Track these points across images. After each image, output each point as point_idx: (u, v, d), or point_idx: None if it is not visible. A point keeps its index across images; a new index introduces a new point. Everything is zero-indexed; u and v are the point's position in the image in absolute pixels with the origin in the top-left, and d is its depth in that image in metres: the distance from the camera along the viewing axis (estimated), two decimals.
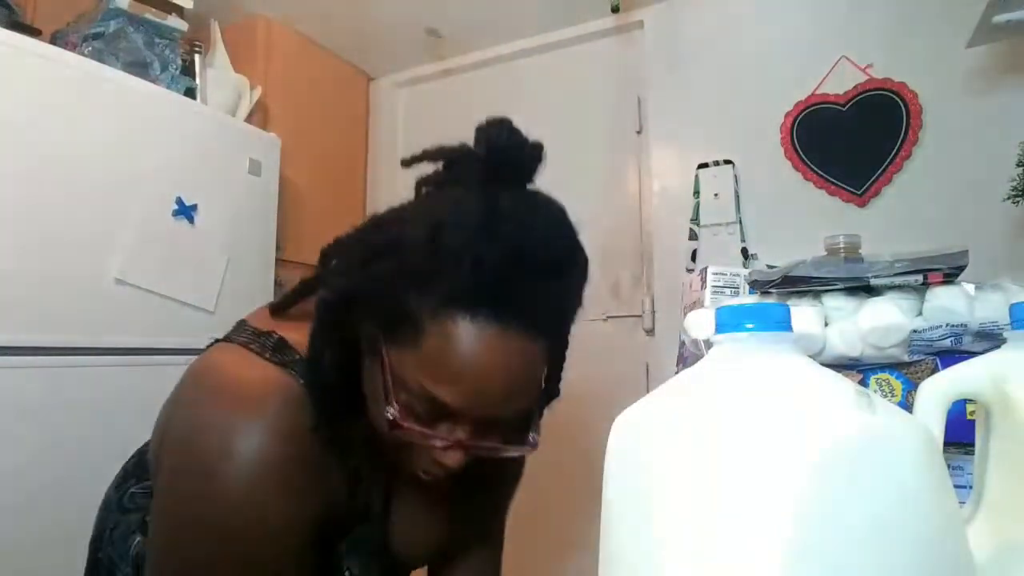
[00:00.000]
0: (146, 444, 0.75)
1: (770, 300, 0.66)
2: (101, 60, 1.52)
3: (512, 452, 0.59)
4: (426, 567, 0.78)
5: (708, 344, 0.60)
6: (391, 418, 0.51)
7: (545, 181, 0.65)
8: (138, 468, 0.72)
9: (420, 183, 0.62)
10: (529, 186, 0.59)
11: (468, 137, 0.62)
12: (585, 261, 0.58)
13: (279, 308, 0.65)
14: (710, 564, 0.30)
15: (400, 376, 0.52)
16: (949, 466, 0.39)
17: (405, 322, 0.50)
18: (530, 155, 0.58)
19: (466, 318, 0.49)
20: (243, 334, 0.63)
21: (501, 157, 0.56)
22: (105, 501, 0.74)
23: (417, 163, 0.61)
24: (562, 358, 0.65)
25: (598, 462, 0.40)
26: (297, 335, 0.59)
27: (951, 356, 0.64)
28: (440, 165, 0.60)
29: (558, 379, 0.67)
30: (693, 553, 0.31)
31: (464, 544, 0.76)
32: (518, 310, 0.50)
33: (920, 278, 0.64)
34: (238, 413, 0.54)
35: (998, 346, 0.48)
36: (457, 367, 0.50)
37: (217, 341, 0.67)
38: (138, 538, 0.66)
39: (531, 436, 0.58)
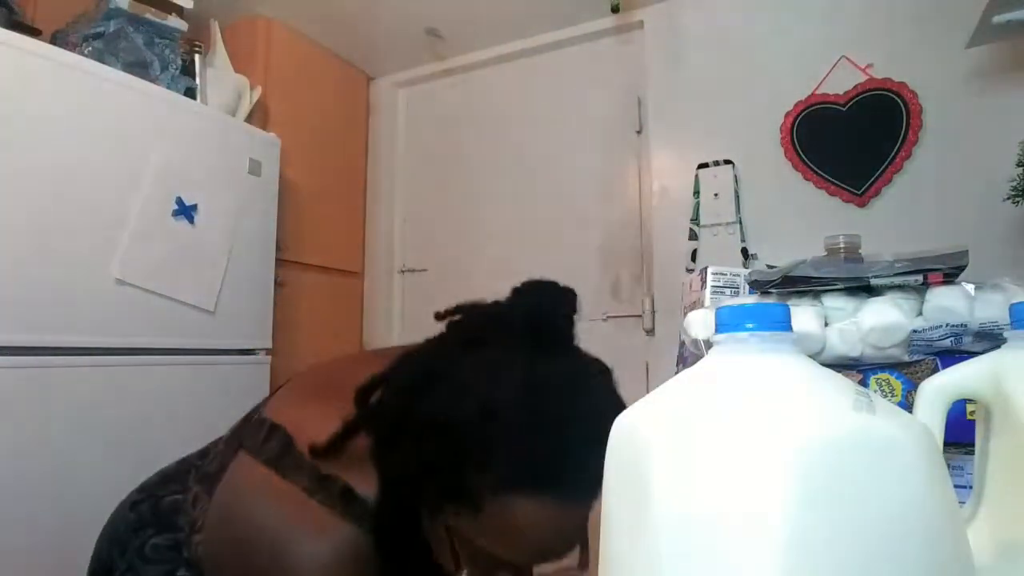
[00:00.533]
0: (160, 487, 0.74)
1: (770, 300, 0.66)
2: (101, 60, 1.52)
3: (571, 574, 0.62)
4: None
5: (708, 344, 0.60)
6: None
7: (546, 181, 0.66)
8: (154, 516, 0.71)
9: (452, 326, 0.63)
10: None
11: (469, 137, 0.61)
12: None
13: (325, 452, 0.61)
14: (710, 564, 0.30)
15: (465, 539, 0.56)
16: (949, 466, 0.39)
17: (465, 497, 0.53)
18: (569, 316, 0.61)
19: (522, 497, 0.52)
20: (302, 473, 0.61)
21: (542, 323, 0.58)
22: (114, 536, 0.72)
23: (450, 317, 0.62)
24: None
25: None
26: (358, 482, 0.60)
27: (951, 356, 0.64)
28: (472, 322, 0.62)
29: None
30: (693, 553, 0.31)
31: None
32: (571, 485, 0.53)
33: (920, 278, 0.64)
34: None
35: (998, 346, 0.48)
36: (519, 538, 0.54)
37: (249, 447, 0.65)
38: None
39: (584, 556, 0.60)
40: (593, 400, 0.56)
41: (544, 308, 0.59)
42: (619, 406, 0.57)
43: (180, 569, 0.66)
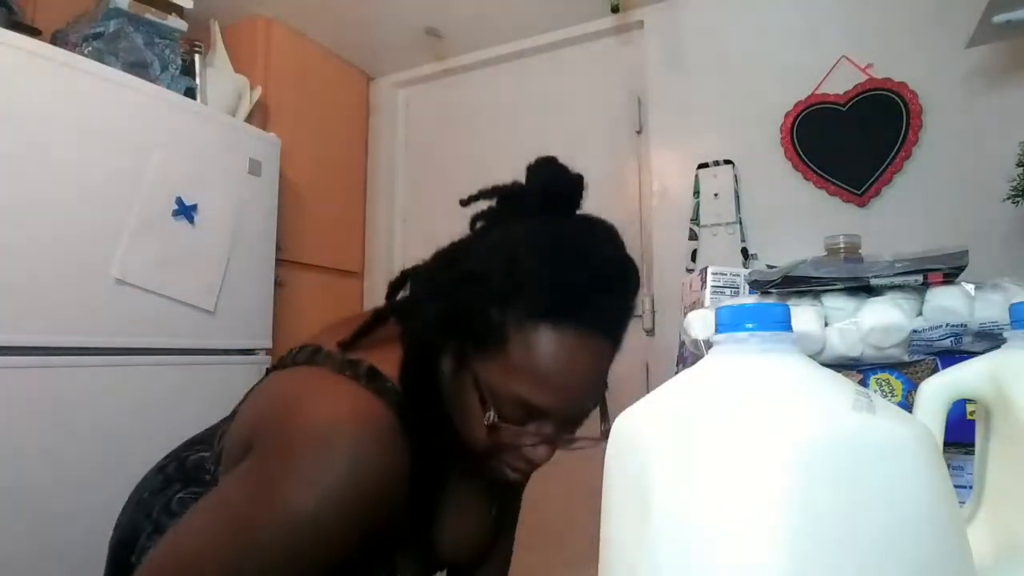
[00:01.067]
0: (186, 449, 0.75)
1: (770, 300, 0.66)
2: (101, 60, 1.52)
3: (590, 444, 0.63)
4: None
5: (708, 344, 0.60)
6: (489, 423, 0.57)
7: None
8: (180, 473, 0.72)
9: (476, 218, 0.69)
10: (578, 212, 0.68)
11: (469, 137, 0.66)
12: (637, 272, 0.66)
13: (355, 339, 0.65)
14: (710, 564, 0.30)
15: (491, 385, 0.58)
16: (949, 466, 0.39)
17: (492, 336, 0.56)
18: (577, 186, 0.68)
19: (547, 327, 0.56)
20: (329, 361, 0.63)
21: (555, 191, 0.65)
22: (141, 504, 0.72)
23: (475, 201, 0.68)
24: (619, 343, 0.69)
25: (598, 461, 0.40)
26: (382, 363, 0.62)
27: (951, 356, 0.64)
28: (494, 201, 0.68)
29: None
30: (693, 553, 0.31)
31: (495, 543, 0.80)
32: (590, 317, 0.57)
33: (920, 278, 0.64)
34: (332, 445, 0.55)
35: (998, 346, 0.48)
36: (542, 372, 0.56)
37: (280, 367, 0.67)
38: None
39: (604, 426, 0.65)
40: (606, 244, 0.63)
41: (557, 180, 0.66)
42: (628, 257, 0.64)
43: None
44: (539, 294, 0.56)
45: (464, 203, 0.69)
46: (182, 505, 0.68)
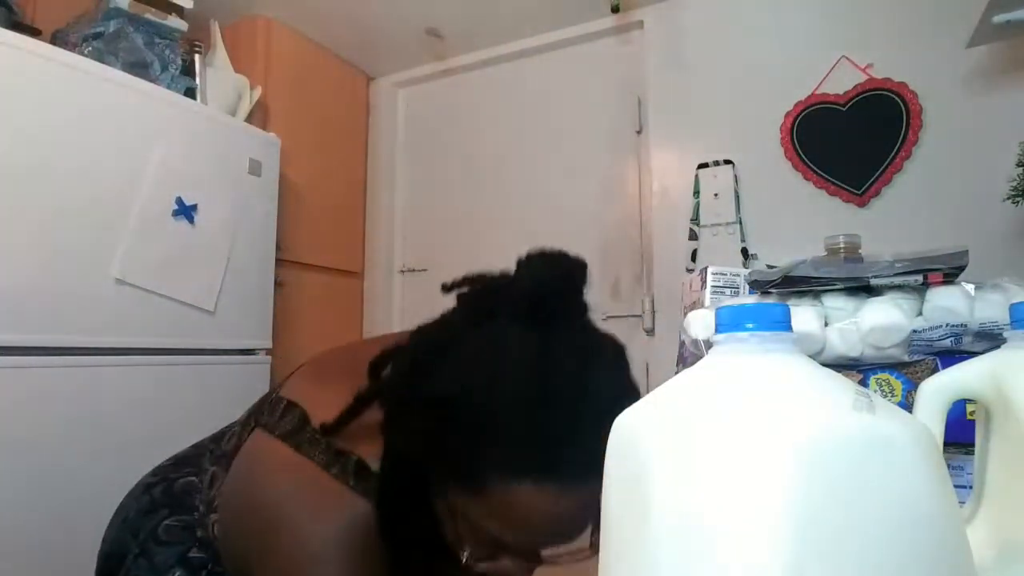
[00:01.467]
0: (173, 471, 0.75)
1: (770, 300, 0.66)
2: (101, 60, 1.52)
3: (581, 558, 0.59)
4: None
5: (708, 344, 0.60)
6: (464, 560, 0.56)
7: (546, 181, 0.67)
8: (167, 497, 0.71)
9: (462, 297, 0.62)
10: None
11: (469, 137, 0.62)
12: (637, 395, 0.57)
13: (336, 427, 0.62)
14: (711, 564, 0.30)
15: (469, 519, 0.55)
16: (949, 466, 0.39)
17: (470, 480, 0.53)
18: (578, 285, 0.58)
19: (527, 483, 0.51)
20: (316, 449, 0.61)
21: (548, 297, 0.56)
22: (127, 523, 0.72)
23: (458, 289, 0.61)
24: None
25: None
26: (370, 457, 0.60)
27: (951, 356, 0.64)
28: (476, 294, 0.61)
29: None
30: (693, 553, 0.31)
31: None
32: (576, 470, 0.51)
33: (920, 278, 0.64)
34: (336, 558, 0.56)
35: (998, 346, 0.48)
36: (521, 523, 0.52)
37: (265, 427, 0.65)
38: (179, 572, 0.66)
39: (594, 538, 0.58)
40: (601, 382, 0.54)
41: (549, 281, 0.56)
42: (630, 387, 0.57)
43: (193, 549, 0.66)
44: (519, 450, 0.51)
45: (446, 289, 0.61)
46: (168, 533, 0.68)
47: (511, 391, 0.51)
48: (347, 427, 0.61)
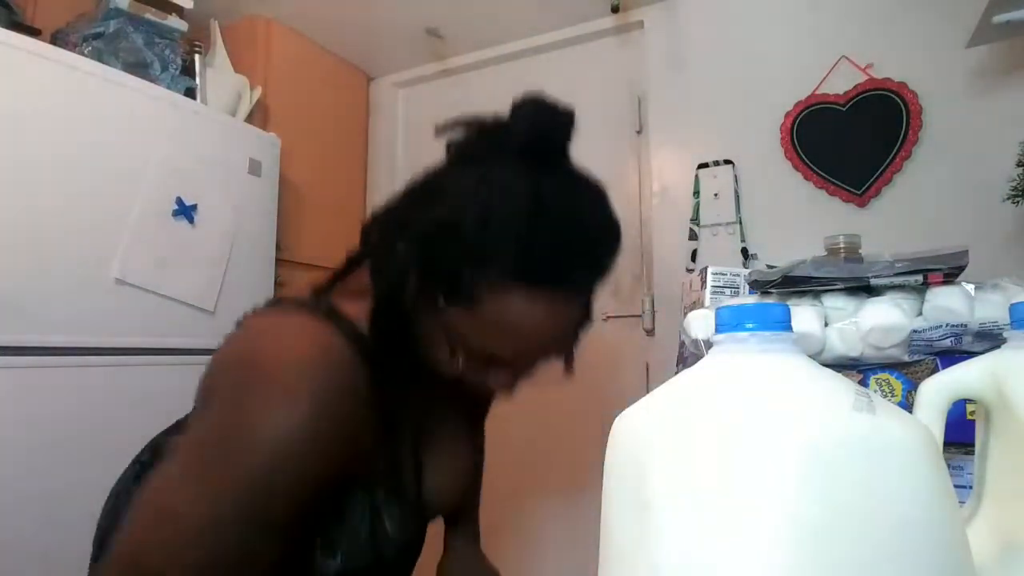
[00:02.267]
0: (160, 435, 0.77)
1: (770, 300, 0.66)
2: (101, 60, 1.52)
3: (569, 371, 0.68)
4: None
5: (708, 344, 0.60)
6: (456, 369, 0.60)
7: None
8: (155, 457, 0.73)
9: (452, 146, 0.65)
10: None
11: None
12: (619, 235, 0.63)
13: (327, 286, 0.67)
14: (710, 564, 0.30)
15: (461, 335, 0.59)
16: (949, 466, 0.39)
17: (464, 294, 0.56)
18: (567, 129, 0.61)
19: (520, 291, 0.56)
20: (292, 302, 0.64)
21: (542, 137, 0.59)
22: (117, 491, 0.74)
23: (451, 129, 0.65)
24: (594, 298, 0.68)
25: (598, 461, 0.40)
26: (347, 306, 0.63)
27: (951, 356, 0.64)
28: (472, 135, 0.63)
29: (591, 312, 0.70)
30: (693, 552, 0.31)
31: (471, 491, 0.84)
32: (565, 283, 0.57)
33: (920, 278, 0.64)
34: (290, 369, 0.56)
35: (998, 346, 0.48)
36: (513, 332, 0.57)
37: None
38: None
39: (569, 368, 0.69)
40: (587, 204, 0.60)
41: (545, 124, 0.60)
42: (613, 217, 0.61)
43: None
44: (513, 259, 0.55)
45: (439, 131, 0.65)
46: None
47: (505, 209, 0.55)
48: (336, 289, 0.66)
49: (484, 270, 0.55)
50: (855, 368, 0.67)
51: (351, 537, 0.62)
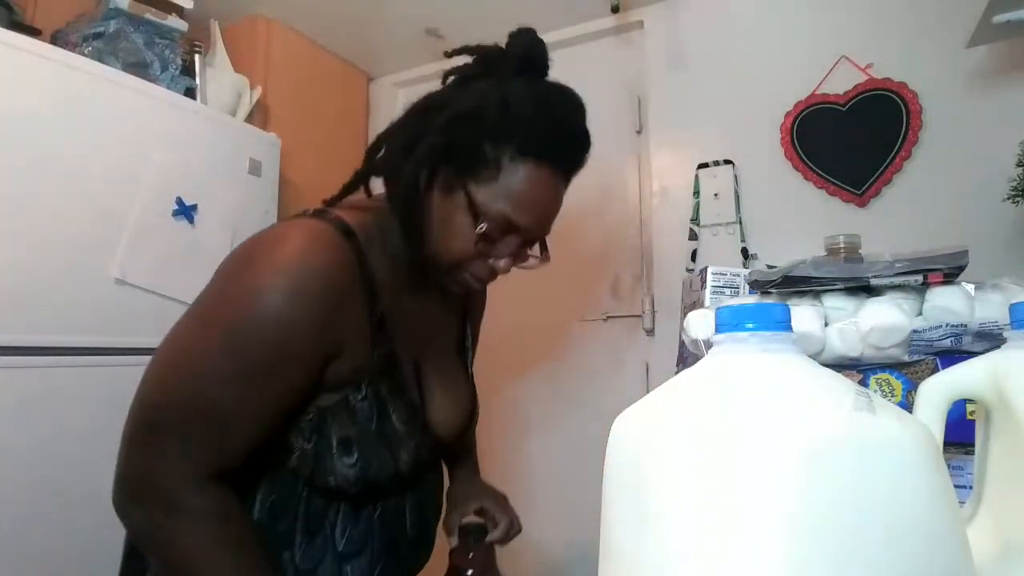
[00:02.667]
0: None
1: (770, 300, 0.66)
2: (101, 60, 1.52)
3: (536, 264, 0.82)
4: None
5: (708, 344, 0.60)
6: (480, 233, 0.71)
7: None
8: None
9: (449, 72, 0.80)
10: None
11: None
12: (587, 130, 0.80)
13: (331, 201, 0.80)
14: (709, 563, 0.30)
15: (481, 204, 0.71)
16: (949, 466, 0.39)
17: (488, 166, 0.71)
18: (547, 54, 0.82)
19: (531, 162, 0.71)
20: (298, 214, 0.77)
21: (533, 59, 0.79)
22: None
23: (459, 55, 0.80)
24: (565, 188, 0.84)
25: (598, 461, 0.40)
26: (346, 215, 0.73)
27: (951, 356, 0.64)
28: (473, 60, 0.79)
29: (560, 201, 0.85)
30: (692, 552, 0.31)
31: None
32: (562, 160, 0.75)
33: (920, 278, 0.64)
34: (286, 246, 0.66)
35: (998, 346, 0.48)
36: (525, 197, 0.72)
37: None
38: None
39: (545, 255, 0.84)
40: (575, 108, 0.79)
41: (536, 50, 0.80)
42: (585, 117, 0.80)
43: None
44: (530, 136, 0.71)
45: (448, 55, 0.80)
46: None
47: (518, 99, 0.72)
48: (340, 205, 0.78)
49: (503, 146, 0.70)
50: (855, 368, 0.67)
51: (363, 433, 0.70)
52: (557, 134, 0.74)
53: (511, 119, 0.71)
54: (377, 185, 0.82)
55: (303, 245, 0.66)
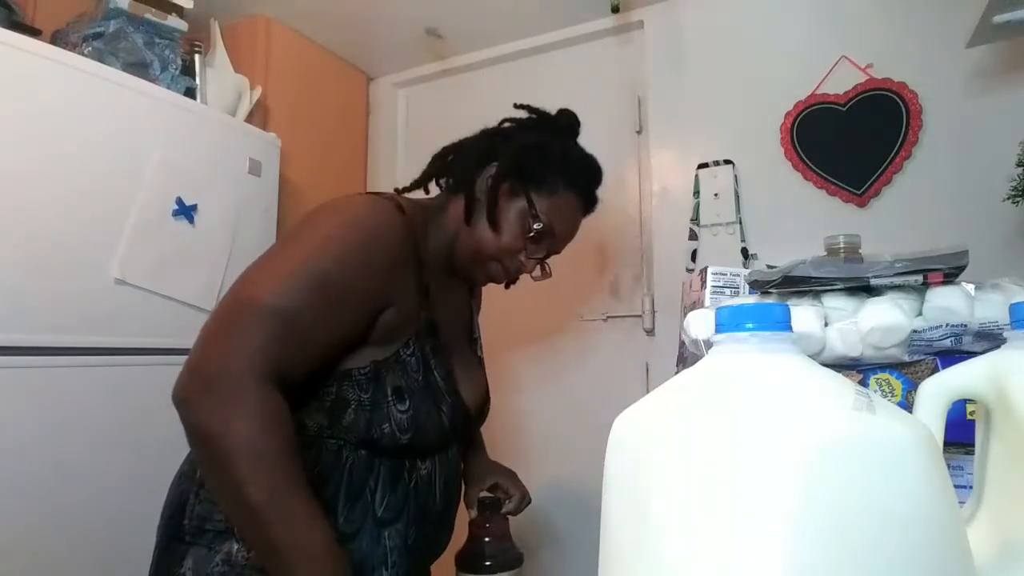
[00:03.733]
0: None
1: (770, 300, 0.66)
2: (101, 60, 1.52)
3: (543, 277, 1.01)
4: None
5: (708, 344, 0.60)
6: (536, 229, 0.92)
7: None
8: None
9: (506, 120, 1.04)
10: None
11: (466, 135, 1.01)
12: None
13: (408, 188, 0.99)
14: (709, 563, 0.30)
15: (537, 209, 0.92)
16: (949, 466, 0.39)
17: (547, 185, 0.94)
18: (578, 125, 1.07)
19: (573, 193, 0.97)
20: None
21: (575, 127, 1.06)
22: (180, 476, 0.84)
23: (520, 110, 1.05)
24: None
25: (598, 461, 0.40)
26: (400, 200, 0.87)
27: (951, 356, 0.64)
28: (530, 113, 1.05)
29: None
30: (692, 552, 0.31)
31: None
32: (589, 201, 1.03)
33: (920, 278, 0.64)
34: (352, 206, 0.81)
35: (998, 346, 0.48)
36: (567, 215, 0.97)
37: None
38: None
39: (547, 269, 1.02)
40: (600, 167, 1.05)
41: (573, 121, 1.06)
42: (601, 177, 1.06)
43: None
44: (578, 176, 0.98)
45: (517, 106, 1.06)
46: None
47: (574, 151, 1.02)
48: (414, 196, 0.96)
49: (559, 177, 0.94)
50: (855, 368, 0.67)
51: (413, 383, 0.81)
52: (592, 181, 1.02)
53: (569, 160, 0.97)
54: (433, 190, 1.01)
55: (372, 208, 0.80)
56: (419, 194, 0.99)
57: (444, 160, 1.00)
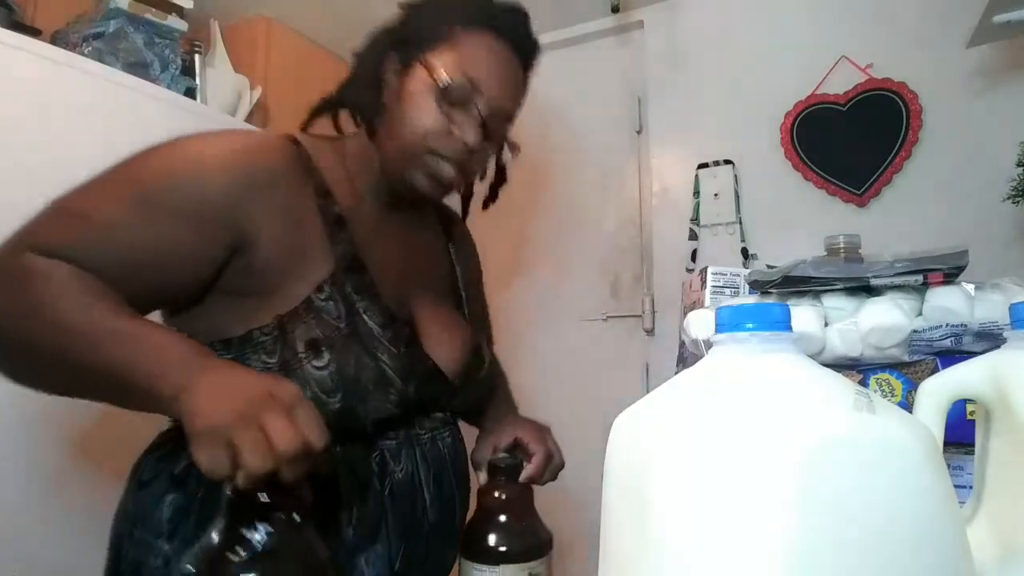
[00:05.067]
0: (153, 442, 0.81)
1: (770, 300, 0.66)
2: (101, 60, 1.52)
3: (513, 150, 0.86)
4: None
5: (708, 344, 0.60)
6: (443, 89, 0.72)
7: (545, 181, 0.69)
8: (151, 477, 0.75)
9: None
10: None
11: None
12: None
13: (306, 124, 0.87)
14: (709, 563, 0.30)
15: (443, 71, 0.73)
16: (949, 466, 0.39)
17: (449, 34, 0.74)
18: None
19: (477, 30, 0.75)
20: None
21: None
22: (118, 509, 0.75)
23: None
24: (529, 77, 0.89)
25: (598, 461, 0.40)
26: (297, 135, 0.78)
27: (951, 356, 0.64)
28: None
29: (526, 89, 0.89)
30: (692, 552, 0.31)
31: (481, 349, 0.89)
32: (506, 29, 0.77)
33: (920, 278, 0.64)
34: (215, 139, 0.72)
35: (998, 346, 0.48)
36: (483, 58, 0.75)
37: None
38: (171, 496, 0.67)
39: (516, 145, 0.86)
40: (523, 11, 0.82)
41: None
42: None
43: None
44: (477, 10, 0.76)
45: None
46: (151, 469, 0.75)
47: None
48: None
49: (462, 18, 0.75)
50: (855, 368, 0.67)
51: (332, 332, 0.65)
52: (503, 10, 0.79)
53: (459, 2, 0.78)
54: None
55: (230, 134, 0.72)
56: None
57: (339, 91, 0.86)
